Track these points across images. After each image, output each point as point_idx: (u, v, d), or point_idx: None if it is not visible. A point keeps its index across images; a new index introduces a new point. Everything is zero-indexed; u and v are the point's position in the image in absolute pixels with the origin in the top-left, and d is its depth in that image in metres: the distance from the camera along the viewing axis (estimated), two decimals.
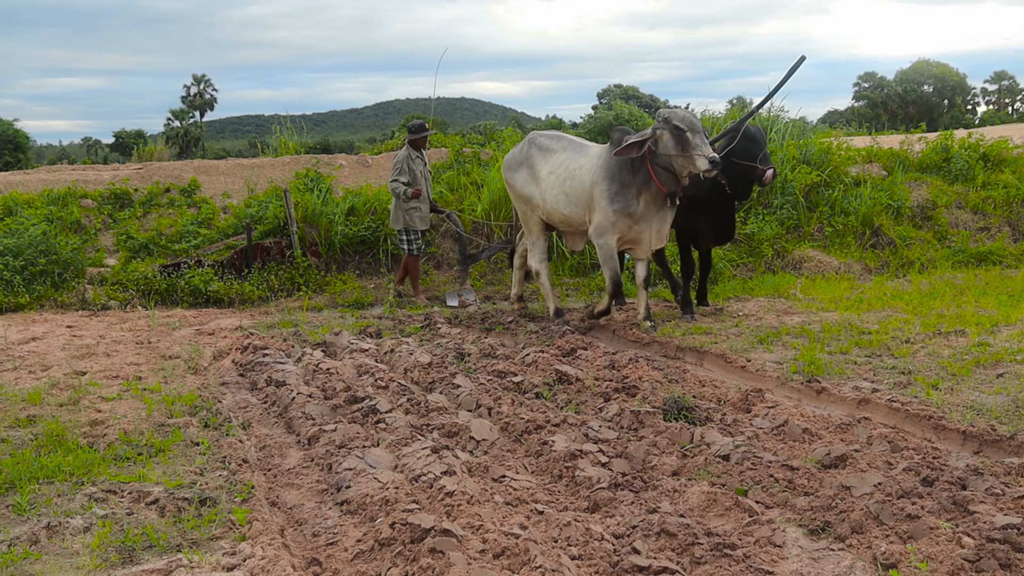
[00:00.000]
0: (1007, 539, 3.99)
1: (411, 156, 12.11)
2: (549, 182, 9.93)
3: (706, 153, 8.55)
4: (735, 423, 6.21)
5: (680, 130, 8.69)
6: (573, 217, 9.83)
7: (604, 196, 9.27)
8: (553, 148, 10.13)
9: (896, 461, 5.27)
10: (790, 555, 4.28)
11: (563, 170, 9.83)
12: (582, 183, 9.58)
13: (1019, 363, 7.55)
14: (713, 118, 17.23)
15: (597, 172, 9.40)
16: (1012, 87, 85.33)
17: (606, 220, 9.29)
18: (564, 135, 10.52)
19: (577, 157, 9.84)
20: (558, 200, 9.86)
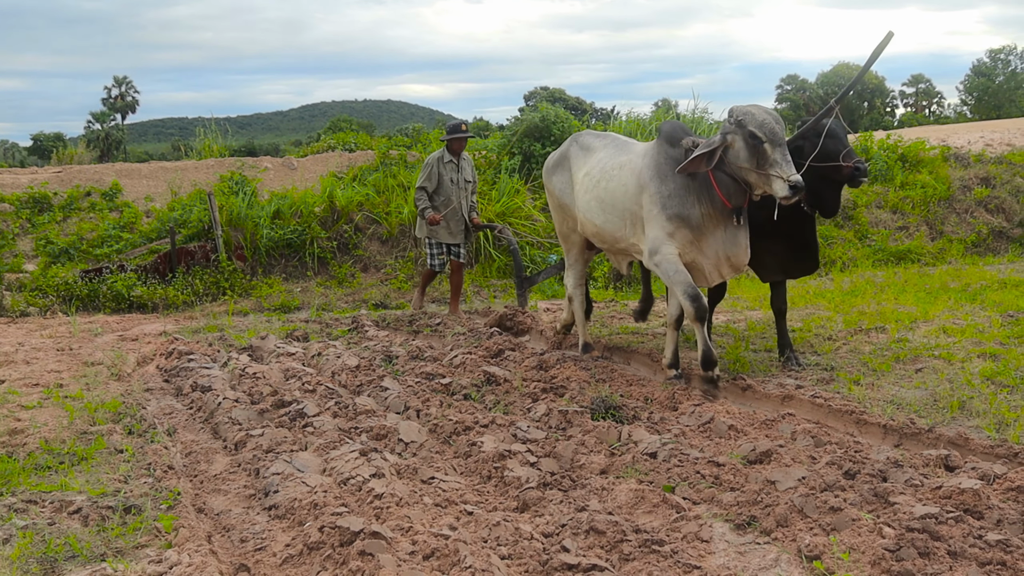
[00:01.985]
0: (925, 528, 4.09)
1: (443, 160, 10.83)
2: (583, 186, 8.13)
3: (786, 174, 6.60)
4: (662, 421, 6.27)
5: (757, 140, 6.74)
6: (606, 230, 7.90)
7: (655, 201, 7.29)
8: (595, 147, 8.33)
9: (819, 455, 5.37)
10: (717, 549, 4.34)
11: (598, 170, 7.98)
12: (622, 186, 7.66)
13: (937, 358, 7.74)
14: (638, 120, 17.39)
15: (645, 173, 7.45)
16: (929, 90, 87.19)
17: (661, 231, 7.25)
18: (613, 134, 8.61)
19: (616, 155, 7.97)
20: (590, 207, 8.01)
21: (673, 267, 7.22)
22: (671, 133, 7.45)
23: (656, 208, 7.28)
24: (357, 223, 14.41)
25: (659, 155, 7.42)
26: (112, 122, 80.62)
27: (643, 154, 7.62)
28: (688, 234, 7.20)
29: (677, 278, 7.21)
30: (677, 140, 7.32)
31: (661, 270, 7.30)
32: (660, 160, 7.38)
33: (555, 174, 8.65)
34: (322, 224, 14.22)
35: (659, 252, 7.27)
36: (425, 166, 10.84)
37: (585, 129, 12.95)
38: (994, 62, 78.55)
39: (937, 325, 8.89)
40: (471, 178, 11.04)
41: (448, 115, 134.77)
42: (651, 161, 7.45)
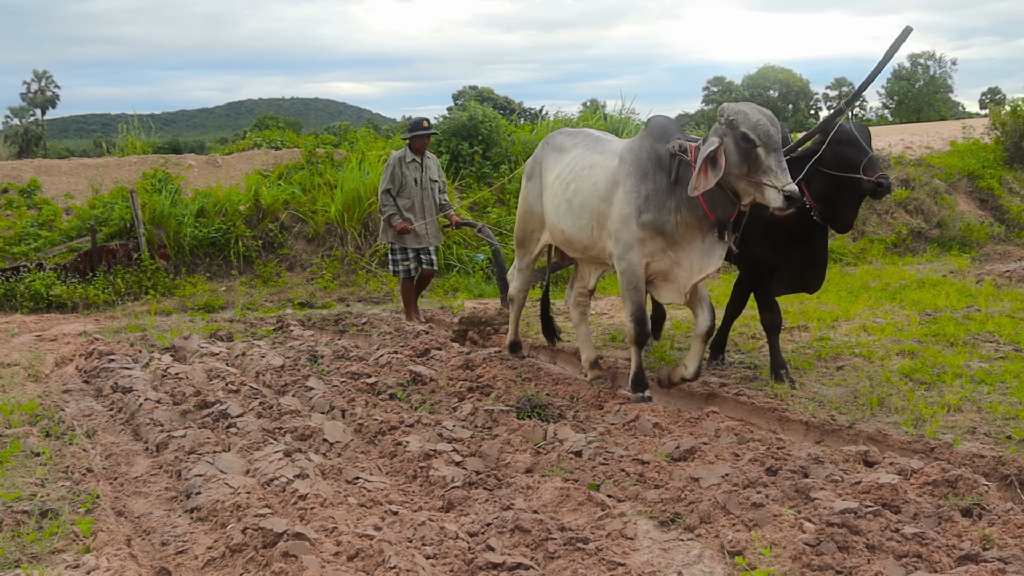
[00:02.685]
0: (845, 523, 4.15)
1: (405, 160, 10.15)
2: (553, 189, 7.42)
3: (781, 183, 5.92)
4: (588, 420, 6.30)
5: (750, 143, 6.02)
6: (575, 236, 7.24)
7: (630, 201, 6.65)
8: (567, 147, 7.55)
9: (743, 452, 5.43)
10: (641, 547, 4.36)
11: (568, 171, 7.31)
12: (592, 185, 7.02)
13: (857, 356, 7.88)
14: (566, 119, 17.46)
15: (621, 170, 6.79)
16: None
17: (631, 235, 6.65)
18: (587, 130, 7.82)
19: (588, 154, 7.27)
20: (559, 212, 7.33)
21: (634, 280, 6.72)
22: (662, 129, 6.77)
23: (629, 208, 6.64)
24: (283, 222, 14.29)
25: (642, 151, 6.71)
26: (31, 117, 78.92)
27: (619, 151, 6.98)
28: (660, 244, 6.59)
29: (632, 295, 6.76)
30: (667, 136, 6.66)
31: (625, 276, 6.76)
32: (642, 156, 6.68)
33: (529, 180, 7.99)
34: (247, 223, 14.07)
35: (625, 258, 6.71)
36: (386, 167, 10.22)
37: (541, 130, 12.97)
38: (914, 67, 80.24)
39: (858, 324, 9.05)
40: (437, 177, 10.42)
41: (376, 114, 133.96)
42: (631, 156, 6.76)
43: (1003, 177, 18.33)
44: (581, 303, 7.98)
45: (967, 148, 19.84)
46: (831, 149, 6.79)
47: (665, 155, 6.56)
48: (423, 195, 10.20)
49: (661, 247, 6.61)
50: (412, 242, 10.18)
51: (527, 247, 8.10)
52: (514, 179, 14.37)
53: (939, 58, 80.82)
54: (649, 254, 6.65)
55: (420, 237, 10.21)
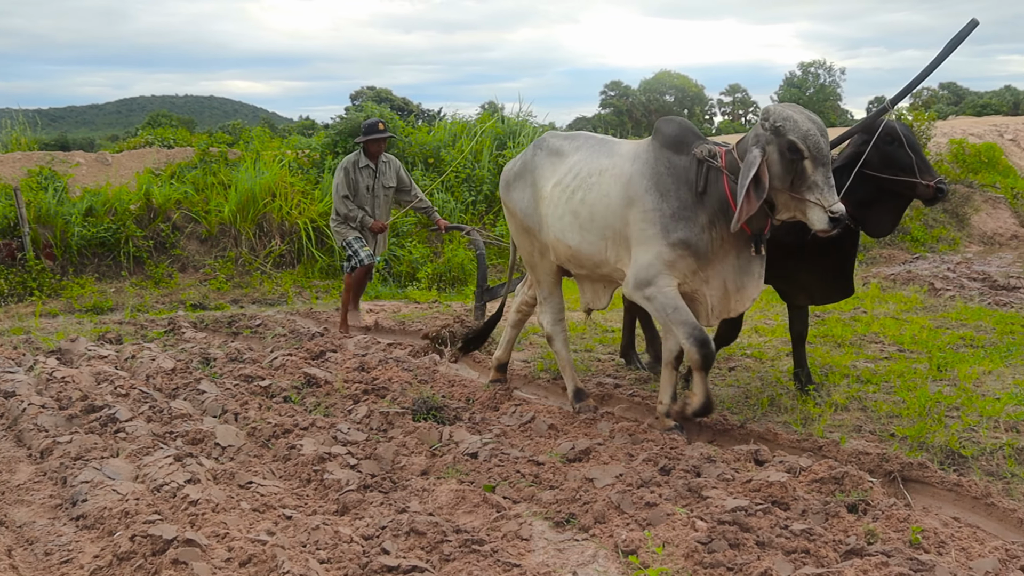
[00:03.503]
0: (736, 521, 4.23)
1: (358, 165, 9.51)
2: (553, 199, 6.42)
3: (828, 202, 5.22)
4: (483, 421, 6.31)
5: (796, 154, 5.29)
6: (583, 253, 6.27)
7: (652, 221, 5.77)
8: (566, 151, 6.57)
9: (637, 452, 5.49)
10: (537, 547, 4.38)
11: (572, 178, 6.32)
12: (603, 196, 6.09)
13: (749, 357, 8.03)
14: (464, 122, 17.45)
15: (636, 183, 5.89)
16: (745, 99, 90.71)
17: (658, 259, 5.75)
18: (586, 133, 6.82)
19: (595, 158, 6.32)
20: (563, 225, 6.34)
21: (672, 303, 5.73)
22: (677, 135, 5.89)
23: (653, 229, 5.76)
24: (175, 222, 14.02)
25: (657, 162, 5.86)
26: None
27: (632, 157, 6.05)
28: (693, 263, 5.75)
29: (678, 317, 5.72)
30: (684, 145, 5.82)
31: (654, 305, 5.80)
32: (659, 169, 5.83)
33: (515, 188, 6.83)
34: (138, 222, 13.77)
35: (653, 284, 5.77)
36: (340, 171, 9.53)
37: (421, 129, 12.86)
38: (805, 75, 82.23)
39: (750, 325, 9.22)
40: (394, 183, 9.77)
41: (273, 113, 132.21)
42: (646, 168, 5.88)
43: None
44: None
45: None
46: (877, 150, 6.13)
47: (687, 165, 5.75)
48: (375, 203, 9.62)
49: (693, 268, 5.78)
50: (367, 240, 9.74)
51: (538, 270, 6.91)
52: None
53: (829, 67, 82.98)
54: (680, 276, 5.79)
55: (368, 242, 9.73)
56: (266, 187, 13.92)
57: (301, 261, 13.69)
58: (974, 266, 14.54)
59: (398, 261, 13.44)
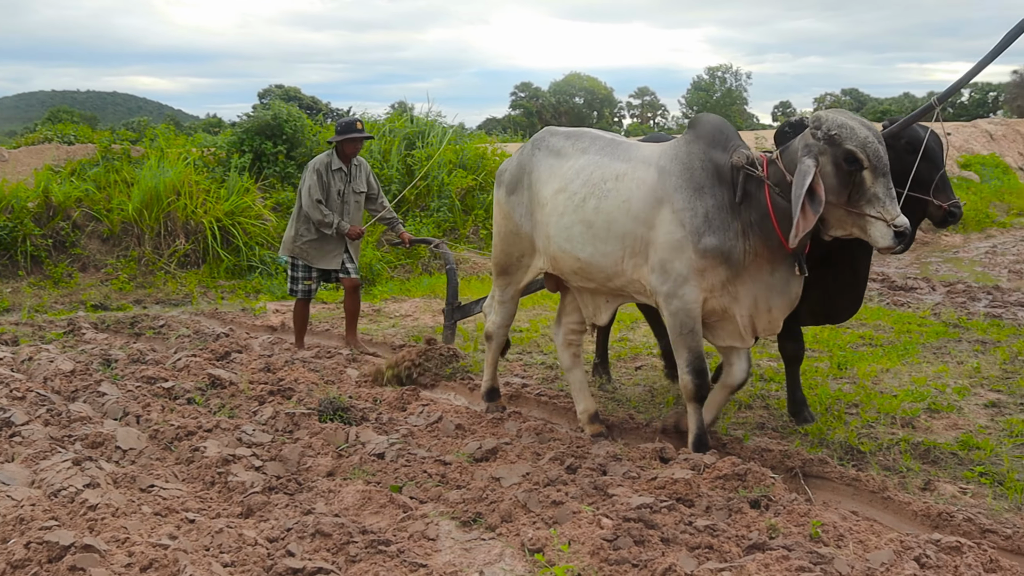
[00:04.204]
0: (641, 518, 4.28)
1: (330, 167, 8.59)
2: (557, 206, 5.85)
3: (890, 216, 4.77)
4: (391, 422, 6.28)
5: (854, 164, 4.84)
6: (595, 265, 5.73)
7: (683, 222, 5.27)
8: (569, 152, 5.97)
9: (544, 452, 5.51)
10: (443, 547, 4.37)
11: (582, 184, 5.75)
12: (623, 203, 5.52)
13: (655, 356, 8.12)
14: (373, 121, 17.35)
15: (665, 183, 5.38)
16: (653, 102, 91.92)
17: (687, 266, 5.28)
18: (591, 131, 6.19)
19: (608, 161, 5.73)
20: (571, 235, 5.77)
21: (690, 323, 5.34)
22: (716, 130, 5.43)
23: (683, 232, 5.25)
24: (75, 220, 13.69)
25: (691, 156, 5.36)
26: None
27: (658, 158, 5.51)
28: (723, 275, 5.27)
29: (688, 340, 5.37)
30: (723, 142, 5.37)
31: (675, 320, 5.36)
32: (693, 165, 5.32)
33: (514, 191, 6.26)
34: (36, 220, 13.41)
35: (679, 295, 5.30)
36: (311, 173, 8.56)
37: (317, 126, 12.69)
38: (712, 78, 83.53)
39: None
40: (365, 187, 8.85)
41: (178, 110, 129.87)
42: (676, 164, 5.38)
43: None
44: (572, 342, 6.50)
45: None
46: (898, 157, 5.40)
47: (725, 165, 5.28)
48: (345, 209, 8.67)
49: (723, 280, 5.28)
50: (318, 260, 8.67)
51: (512, 275, 6.44)
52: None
53: (735, 71, 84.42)
54: (708, 288, 5.29)
55: (331, 256, 8.69)
56: (171, 185, 13.67)
57: (207, 261, 13.47)
58: (873, 267, 14.89)
59: None
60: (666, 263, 5.33)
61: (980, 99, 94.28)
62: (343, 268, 8.72)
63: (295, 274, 8.77)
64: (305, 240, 8.59)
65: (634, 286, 5.66)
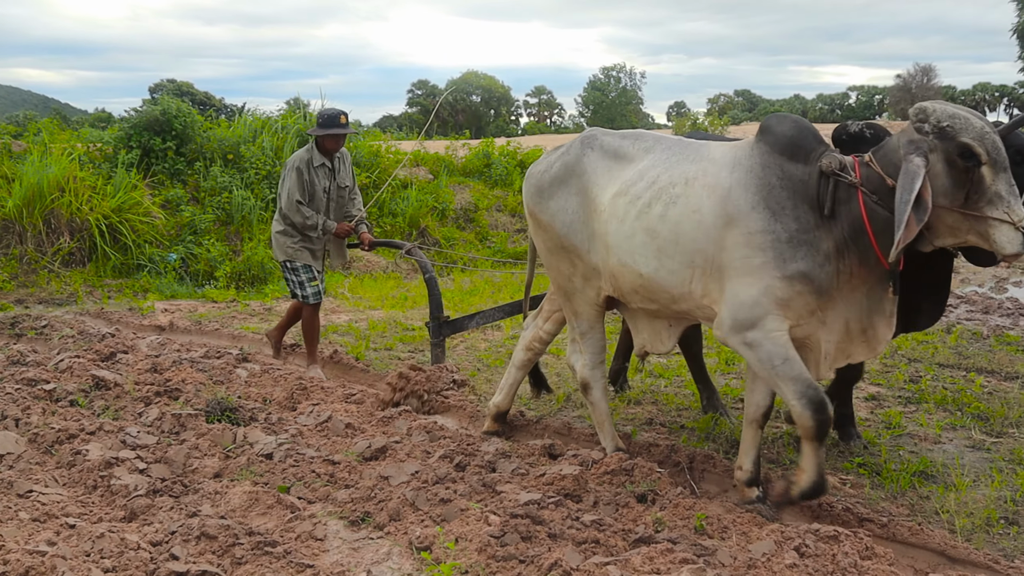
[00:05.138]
0: (528, 514, 4.31)
1: (312, 163, 7.78)
2: (617, 212, 5.06)
3: (1017, 215, 4.15)
4: (280, 422, 6.21)
5: (971, 159, 4.20)
6: (658, 283, 4.94)
7: (762, 247, 4.55)
8: (629, 153, 5.24)
9: (434, 450, 5.52)
10: (331, 547, 4.35)
11: (646, 187, 4.98)
12: (693, 213, 4.76)
13: (547, 353, 8.17)
14: (266, 118, 17.12)
15: (738, 195, 4.64)
16: (550, 101, 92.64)
17: (767, 296, 4.56)
18: (650, 132, 5.53)
19: (677, 163, 4.98)
20: (632, 247, 4.99)
21: (782, 353, 4.58)
22: (793, 137, 4.68)
23: (762, 258, 4.55)
24: None
25: (766, 170, 4.65)
26: None
27: (731, 163, 4.77)
28: (812, 302, 4.58)
29: (789, 371, 4.57)
30: (803, 150, 4.64)
31: (758, 353, 4.62)
32: (769, 180, 4.62)
33: (554, 196, 5.43)
34: None
35: (759, 327, 4.59)
36: (291, 171, 7.74)
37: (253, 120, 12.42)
38: (607, 78, 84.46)
39: None
40: (350, 182, 8.14)
41: (65, 104, 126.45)
42: (750, 179, 4.65)
43: None
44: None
45: None
46: None
47: (806, 177, 4.59)
48: (331, 207, 7.94)
49: (811, 308, 4.60)
50: (310, 259, 7.93)
51: (579, 298, 5.49)
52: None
53: (630, 71, 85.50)
54: (793, 318, 4.61)
55: (319, 256, 8.02)
56: (54, 181, 13.27)
57: (93, 259, 13.12)
58: None
59: (195, 259, 13.07)
60: (741, 291, 4.60)
61: (866, 102, 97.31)
62: None
63: (298, 277, 7.86)
64: (294, 240, 7.85)
65: (704, 312, 4.89)
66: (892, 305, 4.70)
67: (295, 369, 7.78)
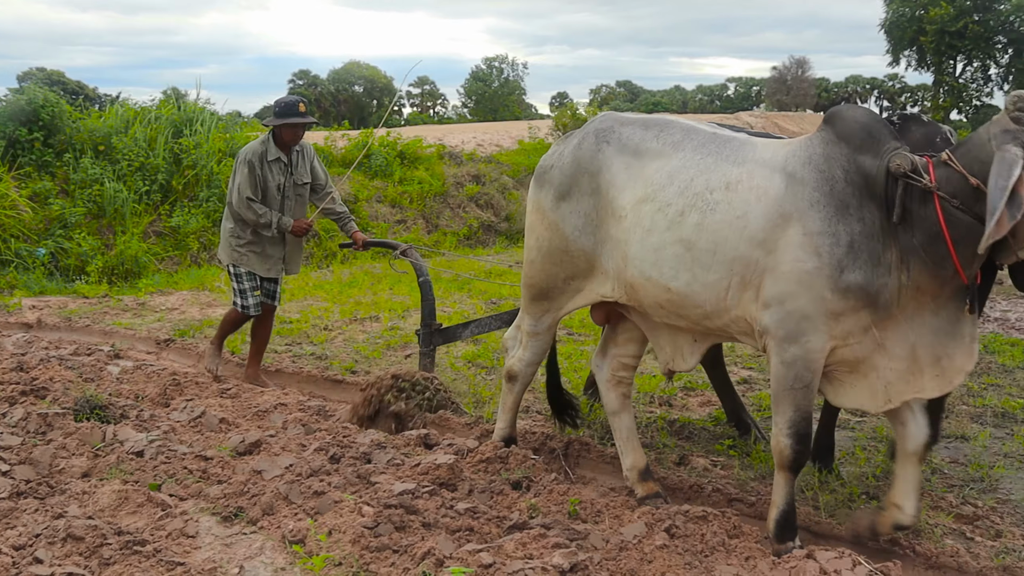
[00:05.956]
0: (402, 504, 4.32)
1: (266, 157, 7.06)
2: (641, 219, 4.56)
3: None
4: (152, 418, 6.08)
5: None
6: (694, 297, 4.44)
7: (818, 249, 4.06)
8: (652, 149, 4.67)
9: (309, 443, 5.48)
10: (203, 544, 4.29)
11: (677, 193, 4.46)
12: (738, 220, 4.27)
13: None
14: (138, 108, 16.68)
15: (796, 195, 4.16)
16: (433, 92, 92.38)
17: (817, 307, 4.09)
18: (676, 120, 4.88)
19: (716, 164, 4.45)
20: (662, 258, 4.49)
21: (807, 376, 4.17)
22: (864, 127, 4.18)
23: (817, 262, 4.06)
24: None
25: (831, 162, 4.16)
26: None
27: (784, 161, 4.28)
28: (865, 320, 4.10)
29: (798, 397, 4.20)
30: (874, 143, 4.12)
31: (789, 371, 4.18)
32: (834, 175, 4.13)
33: (568, 196, 4.89)
34: None
35: (800, 342, 4.14)
36: (241, 165, 7.04)
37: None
38: (490, 69, 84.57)
39: None
40: (308, 178, 7.33)
41: None
42: (812, 174, 4.17)
43: None
44: (623, 380, 5.26)
45: (533, 147, 21.24)
46: None
47: (875, 174, 4.07)
48: (286, 206, 7.19)
49: (864, 324, 4.11)
50: (260, 268, 7.21)
51: (552, 300, 5.11)
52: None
53: (512, 61, 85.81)
54: (841, 335, 4.14)
55: (272, 264, 7.26)
56: None
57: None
58: None
59: (65, 254, 12.69)
60: (787, 299, 4.14)
61: (744, 93, 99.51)
62: (271, 288, 7.35)
63: (241, 285, 7.21)
64: (243, 242, 7.14)
65: (738, 325, 4.42)
66: (972, 327, 4.13)
67: (168, 365, 7.63)
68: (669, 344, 4.87)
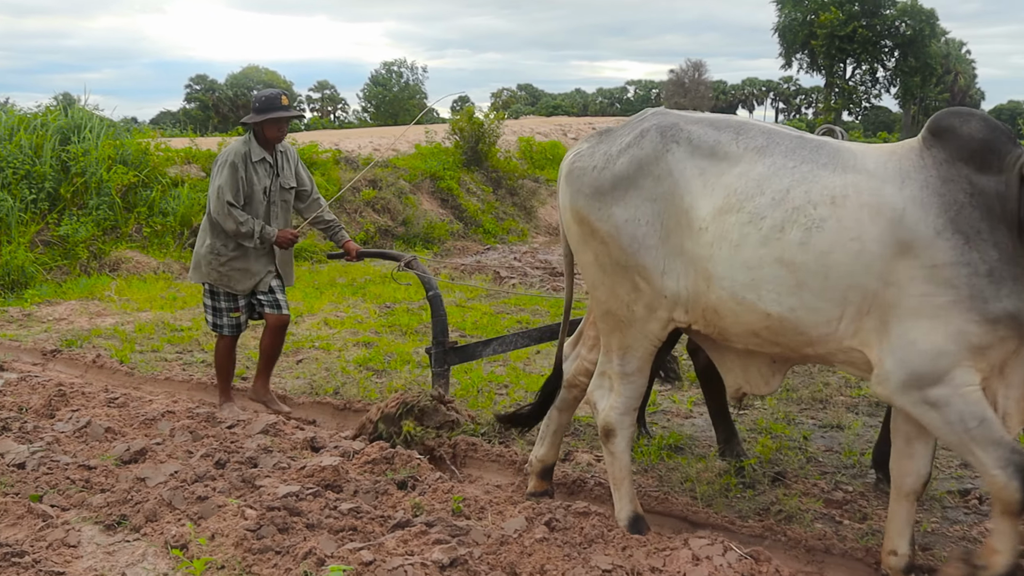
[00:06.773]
0: (286, 506, 4.37)
1: (249, 158, 6.44)
2: (726, 232, 3.99)
3: None
4: (36, 430, 6.00)
5: None
6: (797, 323, 3.93)
7: (952, 280, 3.64)
8: (730, 150, 4.11)
9: (196, 449, 5.49)
10: (85, 553, 4.28)
11: (770, 202, 3.93)
12: (853, 239, 3.78)
13: (317, 349, 8.23)
14: (24, 114, 16.30)
15: (916, 215, 3.71)
16: (334, 96, 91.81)
17: (959, 342, 3.66)
18: (757, 124, 4.28)
19: (813, 171, 3.93)
20: (759, 279, 3.94)
21: (978, 413, 3.67)
22: (983, 140, 3.73)
23: (952, 296, 3.64)
24: None
25: (950, 184, 3.72)
26: None
27: (897, 175, 3.81)
28: (1012, 347, 3.70)
29: (987, 433, 3.67)
30: (995, 155, 3.71)
31: (947, 415, 3.70)
32: (956, 196, 3.70)
33: (621, 201, 4.25)
34: None
35: (945, 382, 3.69)
36: (223, 166, 6.39)
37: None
38: (389, 73, 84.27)
39: (320, 318, 9.42)
40: (294, 182, 6.73)
41: None
42: (929, 196, 3.72)
43: (461, 178, 19.94)
44: (579, 384, 4.95)
45: (430, 151, 21.28)
46: None
47: (1001, 189, 3.66)
48: (271, 213, 6.57)
49: (1003, 355, 3.72)
50: (241, 282, 6.55)
51: (625, 332, 4.41)
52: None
53: (411, 65, 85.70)
54: (987, 368, 3.73)
55: (255, 278, 6.57)
56: None
57: None
58: (538, 255, 15.69)
59: None
60: (919, 340, 3.72)
61: (644, 96, 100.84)
62: (270, 298, 6.59)
63: (216, 304, 6.64)
64: (225, 259, 6.49)
65: (847, 355, 3.97)
66: None
67: (54, 376, 7.52)
68: (739, 366, 4.36)
